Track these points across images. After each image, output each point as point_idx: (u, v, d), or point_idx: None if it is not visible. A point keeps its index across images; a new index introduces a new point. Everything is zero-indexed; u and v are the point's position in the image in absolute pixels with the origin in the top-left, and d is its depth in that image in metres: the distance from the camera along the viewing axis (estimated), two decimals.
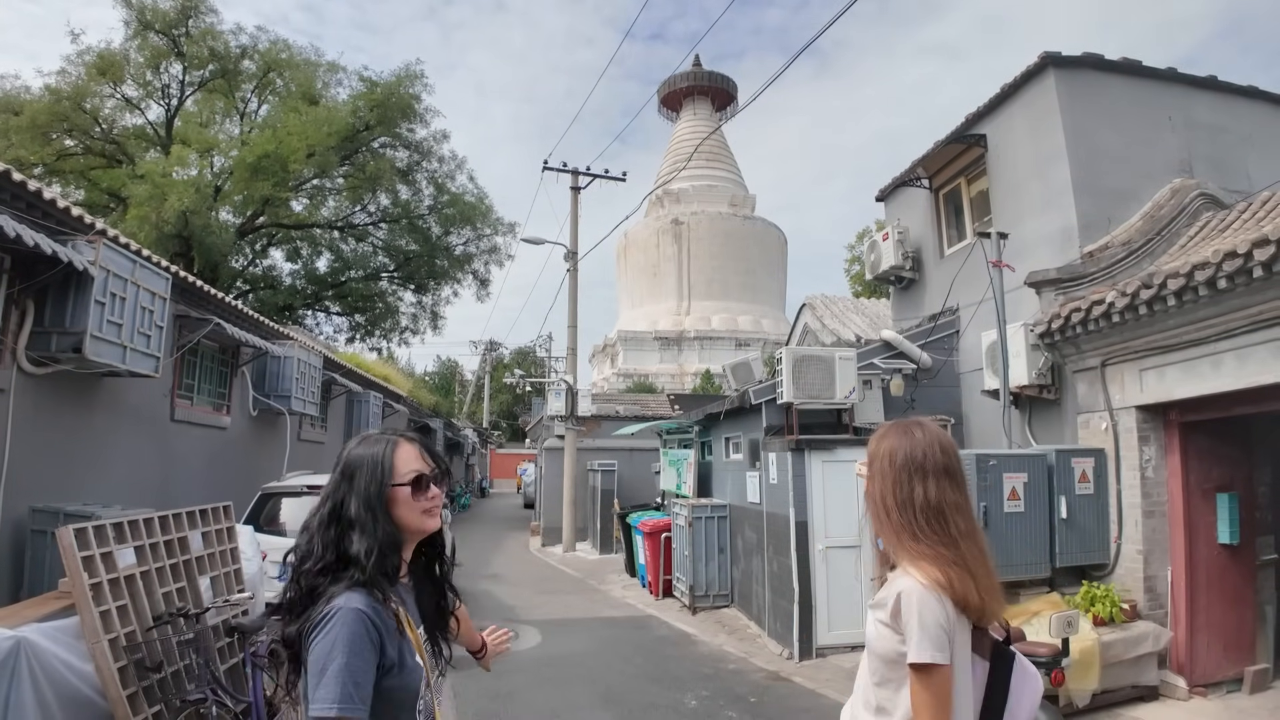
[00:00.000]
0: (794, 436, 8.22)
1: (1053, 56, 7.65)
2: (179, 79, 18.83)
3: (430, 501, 1.72)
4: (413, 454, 1.72)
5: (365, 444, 1.72)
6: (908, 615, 1.71)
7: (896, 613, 1.73)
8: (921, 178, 9.86)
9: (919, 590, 1.71)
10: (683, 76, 42.69)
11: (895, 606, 1.74)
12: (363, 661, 1.49)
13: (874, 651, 1.83)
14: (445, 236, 22.01)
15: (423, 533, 1.74)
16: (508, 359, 47.10)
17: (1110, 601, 6.08)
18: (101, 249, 6.13)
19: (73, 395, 6.78)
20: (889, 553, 1.90)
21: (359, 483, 1.65)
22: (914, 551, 1.79)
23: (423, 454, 1.74)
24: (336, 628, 1.49)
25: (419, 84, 19.60)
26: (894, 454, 1.86)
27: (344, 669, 1.46)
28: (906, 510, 1.82)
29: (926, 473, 1.83)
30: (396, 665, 1.58)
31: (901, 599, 1.73)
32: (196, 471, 8.95)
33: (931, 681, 1.66)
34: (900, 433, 1.92)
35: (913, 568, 1.77)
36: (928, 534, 1.79)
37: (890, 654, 1.77)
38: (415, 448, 1.74)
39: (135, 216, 15.24)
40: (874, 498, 1.89)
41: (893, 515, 1.83)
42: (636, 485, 16.73)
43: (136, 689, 4.02)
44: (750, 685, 7.21)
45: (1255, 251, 4.98)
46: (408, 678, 1.61)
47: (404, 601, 1.70)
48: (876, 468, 1.90)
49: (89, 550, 4.05)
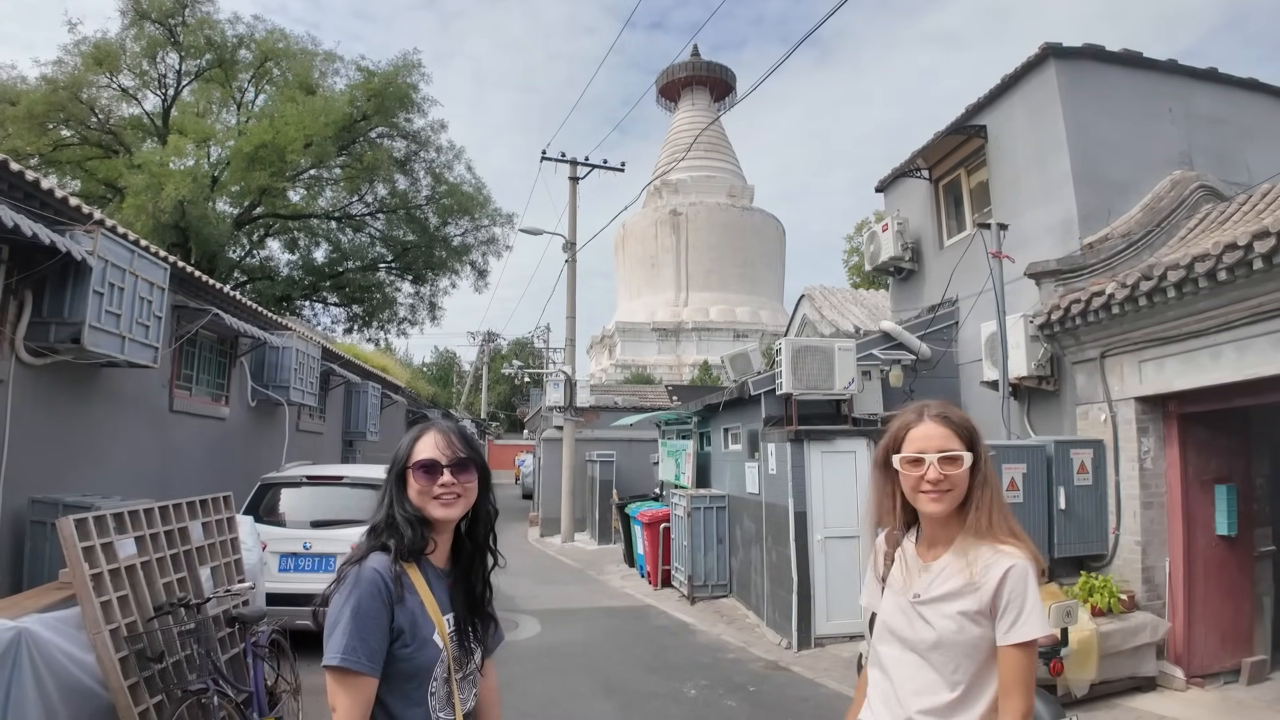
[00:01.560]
0: (793, 427, 8.23)
1: (1053, 47, 7.62)
2: (175, 69, 18.75)
3: (440, 489, 1.72)
4: (434, 442, 1.76)
5: (411, 431, 1.84)
6: (1019, 591, 1.69)
7: (998, 591, 1.70)
8: (921, 168, 9.84)
9: (1029, 565, 1.72)
10: (681, 67, 42.52)
11: (999, 585, 1.70)
12: (371, 618, 1.58)
13: (951, 645, 1.76)
14: (443, 227, 21.96)
15: (437, 520, 1.75)
16: (505, 350, 47.07)
17: (1108, 592, 6.11)
18: (100, 239, 6.10)
19: (71, 386, 6.77)
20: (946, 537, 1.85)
21: (392, 462, 1.78)
22: (1011, 529, 1.79)
23: (449, 442, 1.76)
24: (350, 584, 1.62)
25: (416, 73, 19.52)
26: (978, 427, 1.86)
27: (350, 622, 1.57)
28: (999, 490, 1.84)
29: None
30: (408, 634, 1.63)
31: (1012, 576, 1.70)
32: (196, 462, 8.94)
33: (1034, 655, 1.69)
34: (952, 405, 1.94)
35: (1009, 544, 1.75)
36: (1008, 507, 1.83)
37: (976, 642, 1.73)
38: (442, 436, 1.77)
39: (132, 206, 15.19)
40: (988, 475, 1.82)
41: (999, 494, 1.82)
42: (635, 476, 16.76)
43: (138, 679, 4.02)
44: (749, 674, 7.23)
45: (1256, 243, 4.98)
46: (419, 651, 1.64)
47: (430, 581, 1.73)
48: (983, 448, 1.85)
49: (89, 541, 4.04)
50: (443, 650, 1.69)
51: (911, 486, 1.85)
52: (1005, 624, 1.68)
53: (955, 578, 1.76)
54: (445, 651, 1.70)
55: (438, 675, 1.69)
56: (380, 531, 1.72)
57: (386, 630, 1.61)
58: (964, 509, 1.80)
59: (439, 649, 1.68)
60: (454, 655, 1.73)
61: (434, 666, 1.68)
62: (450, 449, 1.76)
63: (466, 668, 1.79)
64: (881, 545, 2.02)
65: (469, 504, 1.80)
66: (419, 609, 1.67)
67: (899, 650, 1.85)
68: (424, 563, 1.74)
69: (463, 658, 1.77)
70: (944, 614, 1.76)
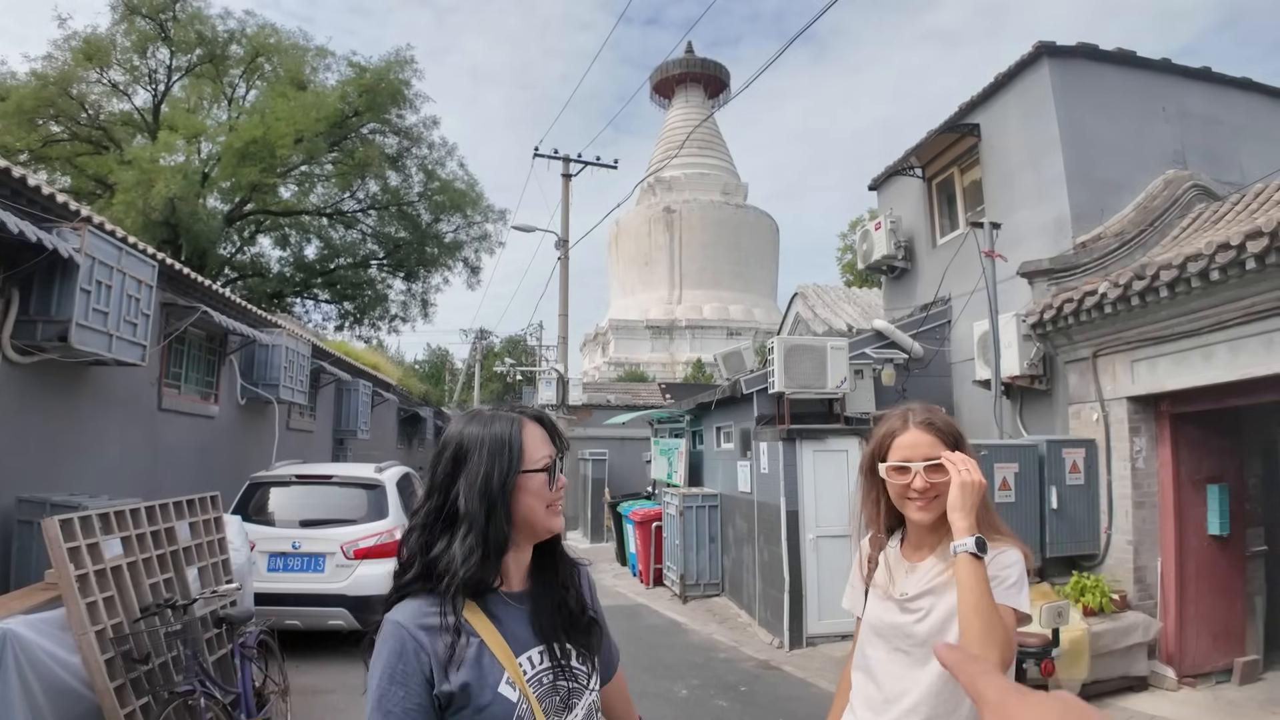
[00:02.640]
0: (785, 426, 8.21)
1: (1047, 46, 7.62)
2: (166, 64, 18.59)
3: (558, 494, 1.43)
4: (541, 436, 1.42)
5: (479, 422, 1.40)
6: (1004, 566, 1.74)
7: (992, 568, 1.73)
8: (914, 167, 9.84)
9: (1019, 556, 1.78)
10: (675, 64, 42.55)
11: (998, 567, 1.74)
12: (402, 689, 1.25)
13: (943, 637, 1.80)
14: (435, 224, 21.87)
15: (546, 533, 1.43)
16: (498, 347, 46.97)
17: (1100, 592, 6.11)
18: (87, 236, 6.03)
19: (58, 384, 6.70)
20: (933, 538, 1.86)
21: (475, 468, 1.34)
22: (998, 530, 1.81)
23: (550, 436, 1.44)
24: (379, 645, 1.29)
25: (409, 69, 19.41)
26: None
27: (378, 700, 1.25)
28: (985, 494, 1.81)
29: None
30: (461, 697, 1.27)
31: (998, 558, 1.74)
32: (184, 461, 8.88)
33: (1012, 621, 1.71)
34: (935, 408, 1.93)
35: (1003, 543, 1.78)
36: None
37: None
38: (541, 429, 1.43)
39: (122, 203, 15.06)
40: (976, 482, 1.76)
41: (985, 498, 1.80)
42: (627, 474, 16.75)
43: (124, 681, 3.98)
44: (741, 674, 7.22)
45: (1249, 244, 4.98)
46: (481, 714, 1.28)
47: (498, 615, 1.36)
48: (969, 452, 1.82)
49: (75, 541, 4.00)
50: (519, 701, 1.31)
51: (898, 494, 1.85)
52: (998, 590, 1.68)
53: (942, 575, 1.77)
54: (529, 700, 1.32)
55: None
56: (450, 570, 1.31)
57: (425, 701, 1.26)
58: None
59: (510, 705, 1.29)
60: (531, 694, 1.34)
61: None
62: (556, 443, 1.45)
63: (573, 703, 1.39)
64: (865, 549, 2.02)
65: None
66: (480, 659, 1.30)
67: (885, 651, 1.85)
68: (490, 595, 1.37)
69: (565, 693, 1.38)
70: (931, 611, 1.77)
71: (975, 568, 1.62)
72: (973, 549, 1.64)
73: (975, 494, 1.71)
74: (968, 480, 1.71)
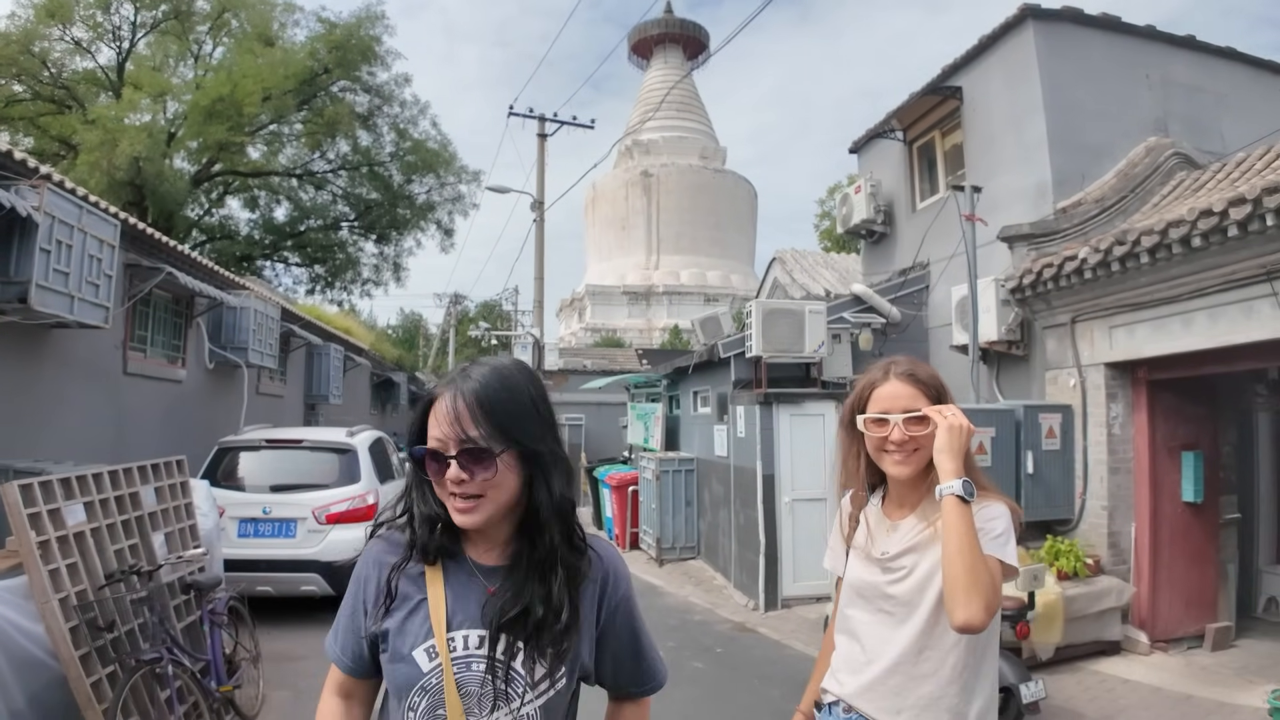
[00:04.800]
0: (762, 390, 8.19)
1: (1032, 9, 7.52)
2: (130, 20, 17.94)
3: (455, 485, 1.22)
4: (444, 414, 1.23)
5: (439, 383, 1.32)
6: (990, 518, 1.67)
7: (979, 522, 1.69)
8: (895, 130, 9.74)
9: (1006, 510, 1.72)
10: (653, 24, 41.95)
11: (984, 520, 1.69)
12: (344, 607, 1.37)
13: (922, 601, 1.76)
14: (407, 185, 21.51)
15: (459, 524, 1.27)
16: (473, 312, 46.58)
17: (1074, 556, 6.17)
18: (46, 194, 5.80)
19: (19, 348, 6.50)
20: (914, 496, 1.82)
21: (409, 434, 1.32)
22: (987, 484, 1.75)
23: (457, 415, 1.21)
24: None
25: (380, 25, 18.96)
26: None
27: (340, 609, 1.39)
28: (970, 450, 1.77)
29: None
30: (384, 642, 1.29)
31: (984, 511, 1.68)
32: (151, 426, 8.69)
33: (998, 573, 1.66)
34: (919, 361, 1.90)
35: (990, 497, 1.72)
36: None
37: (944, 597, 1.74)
38: (447, 405, 1.23)
39: (86, 163, 14.61)
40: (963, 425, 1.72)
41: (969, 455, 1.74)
42: (604, 439, 16.75)
43: (89, 649, 3.87)
44: (716, 636, 7.26)
45: (1230, 210, 4.96)
46: (391, 665, 1.29)
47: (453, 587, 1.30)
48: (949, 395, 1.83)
49: (35, 507, 3.86)
50: (430, 672, 1.25)
51: (875, 447, 1.80)
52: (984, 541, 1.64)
53: (924, 533, 1.73)
54: (446, 676, 1.25)
55: (418, 704, 1.26)
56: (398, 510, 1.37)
57: (362, 626, 1.32)
58: (931, 470, 1.72)
59: (418, 670, 1.25)
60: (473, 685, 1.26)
61: (409, 690, 1.26)
62: (455, 427, 1.21)
63: (499, 705, 1.25)
64: (846, 507, 1.96)
65: (500, 506, 1.26)
66: (410, 611, 1.29)
67: (868, 613, 1.81)
68: (459, 559, 1.31)
69: (495, 695, 1.25)
70: (913, 570, 1.73)
71: (962, 511, 1.58)
72: (959, 491, 1.59)
73: (962, 437, 1.66)
74: (955, 423, 1.67)
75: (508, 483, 1.24)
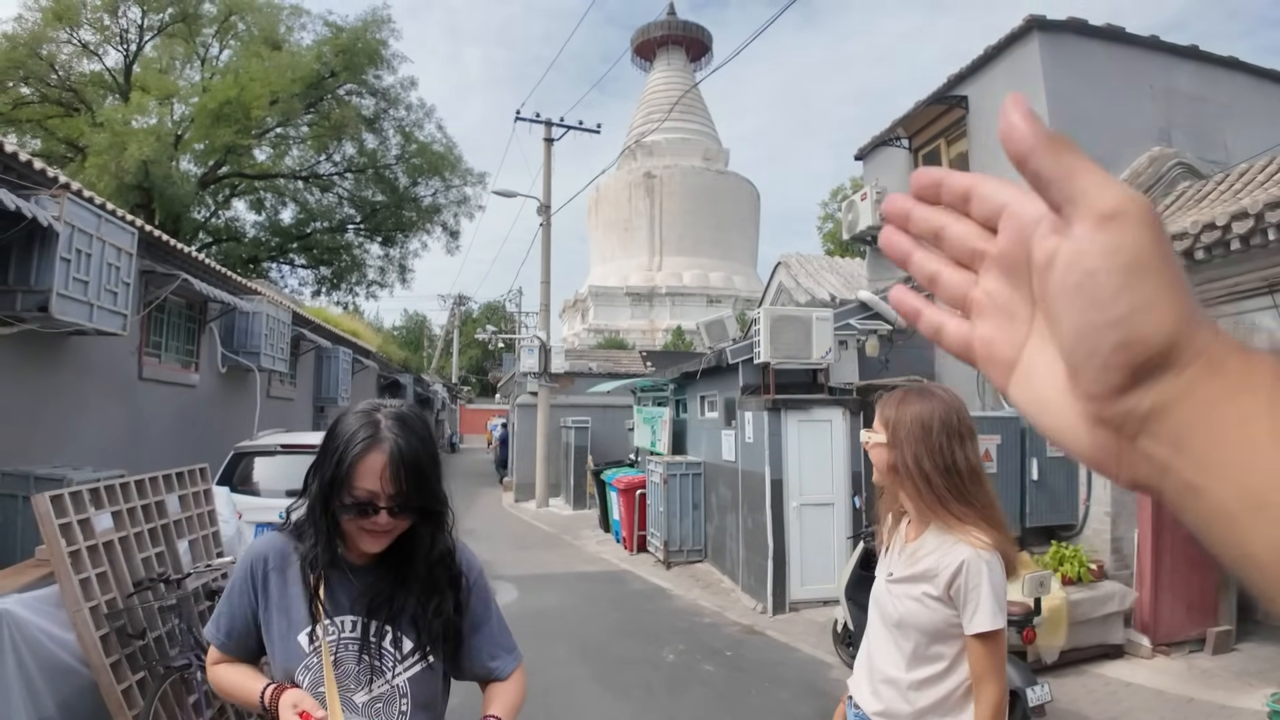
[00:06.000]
0: (770, 396, 8.27)
1: (1038, 20, 7.60)
2: (137, 23, 18.08)
3: (375, 526, 1.41)
4: (378, 465, 1.39)
5: (353, 419, 1.45)
6: (974, 583, 1.68)
7: (952, 583, 1.71)
8: (901, 138, 9.83)
9: (986, 557, 1.70)
10: (657, 25, 42.04)
11: (952, 577, 1.70)
12: (235, 595, 1.56)
13: (914, 626, 1.79)
14: (413, 187, 21.63)
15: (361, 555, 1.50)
16: (477, 314, 46.71)
17: (1078, 562, 6.26)
18: (66, 203, 5.91)
19: (38, 355, 6.60)
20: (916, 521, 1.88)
21: (322, 468, 1.44)
22: (962, 515, 1.75)
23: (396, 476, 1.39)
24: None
25: (386, 29, 19.11)
26: (925, 419, 1.80)
27: (225, 593, 1.58)
28: (952, 475, 1.76)
29: (963, 436, 1.79)
30: (268, 625, 1.54)
31: (968, 567, 1.69)
32: (166, 430, 8.80)
33: (998, 645, 1.67)
34: (922, 398, 1.86)
35: (964, 534, 1.73)
36: (977, 496, 1.77)
37: (939, 626, 1.75)
38: (384, 456, 1.39)
39: (94, 166, 14.73)
40: (906, 464, 1.80)
41: (934, 480, 1.76)
42: (609, 442, 16.81)
43: (119, 656, 3.98)
44: (725, 639, 7.35)
45: (1234, 224, 5.05)
46: (275, 647, 1.53)
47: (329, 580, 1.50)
48: (904, 434, 1.82)
49: (66, 517, 3.96)
50: (311, 653, 1.48)
51: None
52: (966, 616, 1.72)
53: (924, 561, 1.81)
54: (321, 657, 1.47)
55: (301, 681, 1.49)
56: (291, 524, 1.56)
57: (249, 613, 1.55)
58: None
59: (302, 650, 1.49)
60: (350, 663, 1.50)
61: (293, 670, 1.50)
62: (396, 485, 1.39)
63: (376, 685, 1.50)
64: (889, 521, 2.06)
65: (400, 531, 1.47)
66: (292, 601, 1.51)
67: (878, 624, 1.93)
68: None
69: (370, 671, 1.50)
70: (909, 594, 1.82)
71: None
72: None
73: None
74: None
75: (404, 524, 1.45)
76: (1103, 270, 0.35)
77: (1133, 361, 0.35)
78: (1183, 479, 0.35)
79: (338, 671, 1.48)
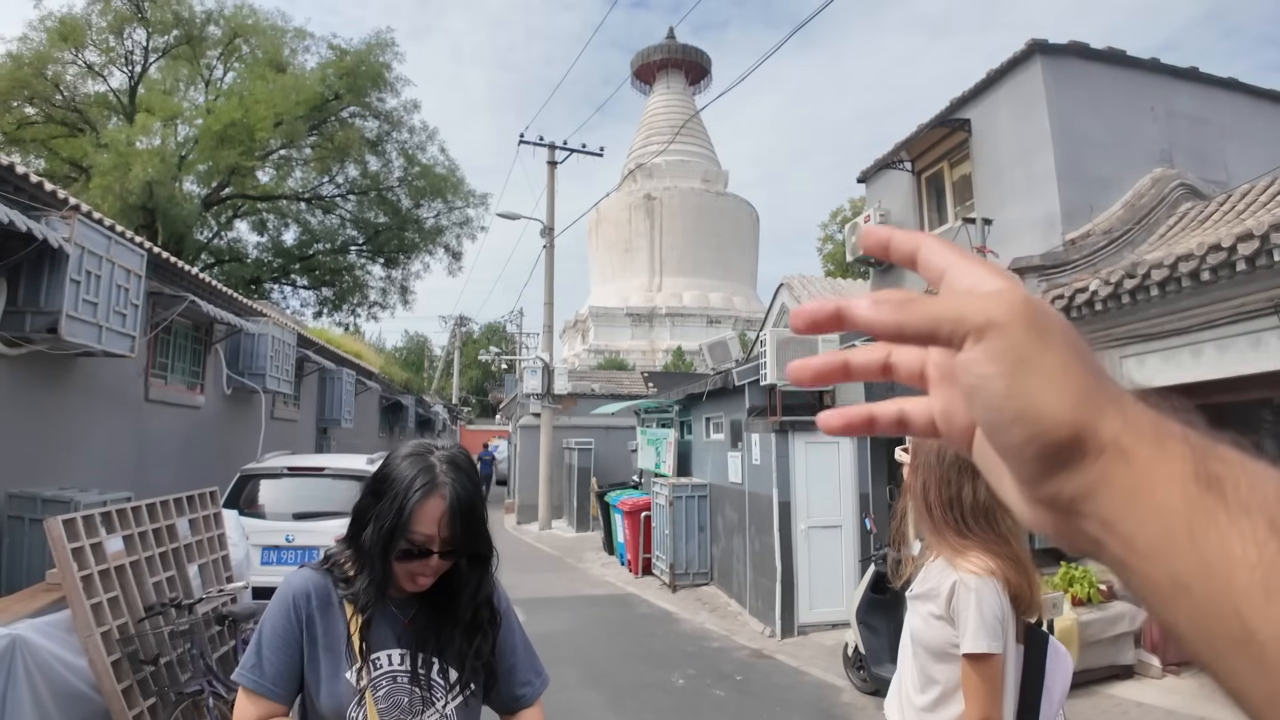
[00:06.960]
0: (777, 418, 8.27)
1: (1040, 44, 7.69)
2: (142, 45, 18.24)
3: (425, 569, 1.45)
4: (436, 511, 1.41)
5: (407, 466, 1.46)
6: (964, 605, 1.70)
7: (950, 602, 1.73)
8: (904, 160, 9.90)
9: (976, 580, 1.70)
10: (656, 49, 42.39)
11: (948, 597, 1.73)
12: (277, 636, 1.48)
13: (921, 644, 1.82)
14: (415, 209, 21.73)
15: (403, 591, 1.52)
16: (478, 335, 46.71)
17: (1088, 582, 6.24)
18: (76, 225, 5.93)
19: (46, 376, 6.60)
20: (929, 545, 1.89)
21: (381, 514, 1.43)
22: (958, 545, 1.76)
23: (450, 512, 1.42)
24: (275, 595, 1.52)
25: (390, 52, 19.27)
26: (941, 449, 1.80)
27: (257, 636, 1.49)
28: (954, 509, 1.78)
29: (975, 473, 1.71)
30: (314, 666, 1.48)
31: (958, 589, 1.71)
32: (172, 452, 8.78)
33: (987, 670, 1.66)
34: None
35: (961, 559, 1.75)
36: (975, 532, 1.77)
37: (941, 646, 1.76)
38: (444, 502, 1.42)
39: (99, 187, 14.81)
40: (916, 492, 1.84)
41: (935, 512, 1.79)
42: (612, 463, 16.78)
43: (131, 682, 3.95)
44: (735, 663, 7.30)
45: (1239, 245, 5.08)
46: (323, 687, 1.47)
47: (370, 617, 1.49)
48: (921, 460, 1.84)
49: (78, 541, 3.95)
50: (357, 692, 1.47)
51: None
52: (959, 637, 1.74)
53: (931, 579, 1.83)
54: (365, 693, 1.46)
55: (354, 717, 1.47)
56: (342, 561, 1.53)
57: (297, 653, 1.48)
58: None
59: (352, 690, 1.46)
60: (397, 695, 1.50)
61: (345, 709, 1.46)
62: (452, 530, 1.42)
63: (428, 716, 1.51)
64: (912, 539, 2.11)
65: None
66: (336, 640, 1.49)
67: (906, 642, 1.95)
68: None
69: (422, 702, 1.51)
70: (918, 612, 1.85)
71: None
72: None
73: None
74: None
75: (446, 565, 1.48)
76: (988, 376, 0.37)
77: (1041, 454, 0.36)
78: (1114, 555, 0.36)
79: (388, 704, 1.49)
